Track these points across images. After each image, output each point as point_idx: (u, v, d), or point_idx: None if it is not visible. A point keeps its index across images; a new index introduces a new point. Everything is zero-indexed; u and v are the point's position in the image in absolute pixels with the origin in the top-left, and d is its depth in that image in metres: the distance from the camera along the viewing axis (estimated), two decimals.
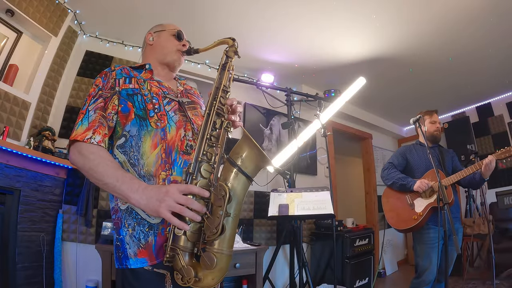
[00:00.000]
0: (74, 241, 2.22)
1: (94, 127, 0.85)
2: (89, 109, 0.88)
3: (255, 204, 3.08)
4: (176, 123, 0.93)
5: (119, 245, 0.84)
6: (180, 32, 1.12)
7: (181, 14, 2.44)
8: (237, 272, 2.21)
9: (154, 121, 0.90)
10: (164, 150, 0.88)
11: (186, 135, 0.93)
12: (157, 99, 0.94)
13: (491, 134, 4.07)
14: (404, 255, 4.83)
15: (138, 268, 0.81)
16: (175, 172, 0.87)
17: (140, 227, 0.83)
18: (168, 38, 1.10)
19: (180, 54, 1.10)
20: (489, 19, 2.44)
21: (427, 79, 3.50)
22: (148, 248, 0.81)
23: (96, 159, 0.81)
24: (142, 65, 1.05)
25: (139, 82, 0.95)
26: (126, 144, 0.89)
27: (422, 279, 2.02)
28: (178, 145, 0.90)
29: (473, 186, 2.16)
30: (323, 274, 3.03)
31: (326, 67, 3.23)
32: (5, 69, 2.05)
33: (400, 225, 2.15)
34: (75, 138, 0.83)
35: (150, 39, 1.12)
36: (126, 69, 0.98)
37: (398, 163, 2.31)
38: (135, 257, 0.81)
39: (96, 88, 0.93)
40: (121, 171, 0.81)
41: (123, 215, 0.85)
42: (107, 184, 0.79)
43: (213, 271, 0.74)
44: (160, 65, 1.09)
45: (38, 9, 2.14)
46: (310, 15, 2.44)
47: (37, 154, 1.94)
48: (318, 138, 3.74)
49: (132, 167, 0.87)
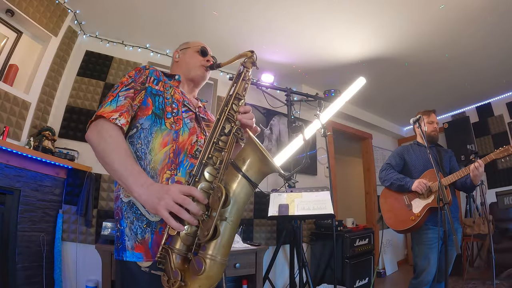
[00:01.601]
0: (74, 241, 2.22)
1: (122, 111, 0.86)
2: (120, 95, 0.90)
3: (255, 204, 3.08)
4: (190, 129, 0.96)
5: (119, 236, 0.85)
6: (204, 48, 1.17)
7: (181, 15, 2.44)
8: (237, 272, 2.21)
9: (170, 122, 0.93)
10: (173, 151, 0.90)
11: (197, 141, 0.95)
12: (177, 104, 0.98)
13: (491, 134, 4.07)
14: (404, 255, 4.83)
15: (135, 269, 0.81)
16: (180, 173, 0.88)
17: (138, 222, 0.84)
18: (193, 55, 1.16)
19: (204, 69, 1.14)
20: (489, 19, 2.44)
21: (427, 79, 3.50)
22: (144, 244, 0.82)
23: (112, 143, 0.81)
24: (173, 74, 1.10)
25: (165, 87, 0.99)
26: (135, 135, 0.91)
27: (421, 279, 2.02)
28: (188, 148, 0.92)
29: (466, 190, 2.16)
30: (323, 274, 3.03)
31: (326, 67, 3.23)
32: (5, 69, 2.05)
33: (398, 225, 2.15)
34: (101, 114, 0.84)
35: (176, 56, 1.19)
36: (158, 72, 1.02)
37: (396, 163, 2.31)
38: (132, 251, 0.82)
39: (130, 79, 0.95)
40: (131, 162, 0.80)
41: (124, 206, 0.87)
42: (115, 171, 0.79)
43: (201, 278, 0.69)
44: (186, 80, 1.14)
45: (38, 9, 2.14)
46: (311, 15, 2.44)
47: (37, 154, 1.94)
48: (318, 138, 3.74)
49: (138, 160, 0.87)
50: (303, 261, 2.44)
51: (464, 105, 4.35)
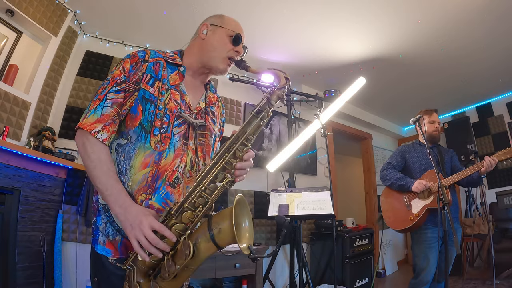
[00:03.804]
0: (74, 241, 2.22)
1: (105, 123, 0.84)
2: (107, 98, 0.85)
3: (255, 204, 3.08)
4: (175, 150, 0.89)
5: (94, 229, 0.89)
6: (239, 36, 0.97)
7: (181, 15, 2.44)
8: (237, 272, 2.21)
9: (155, 141, 0.86)
10: (152, 174, 0.86)
11: (179, 166, 0.89)
12: (168, 117, 0.88)
13: (491, 134, 4.07)
14: (404, 255, 4.83)
15: (104, 258, 0.85)
16: (154, 198, 0.86)
17: (111, 226, 0.87)
18: (223, 39, 0.96)
19: (228, 62, 0.97)
20: (488, 19, 2.44)
21: (427, 79, 3.50)
22: (114, 244, 0.86)
23: (94, 161, 0.82)
24: (178, 64, 0.96)
25: (161, 90, 0.89)
26: (123, 146, 0.89)
27: (420, 279, 2.02)
28: (168, 175, 0.87)
29: (472, 184, 2.17)
30: (323, 274, 3.03)
31: (326, 67, 3.23)
32: (5, 69, 2.05)
33: (397, 225, 2.16)
34: (83, 128, 0.83)
35: (203, 31, 0.98)
36: (159, 64, 0.91)
37: (397, 163, 2.31)
38: (103, 246, 0.86)
39: (122, 74, 0.87)
40: (112, 181, 0.82)
41: (100, 207, 0.89)
42: (98, 188, 0.83)
43: None
44: (200, 66, 0.98)
45: (38, 9, 2.14)
46: (311, 16, 2.45)
47: (37, 154, 1.94)
48: (318, 138, 3.74)
49: (119, 174, 0.86)
50: (303, 261, 2.44)
51: (464, 105, 4.35)
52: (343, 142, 4.89)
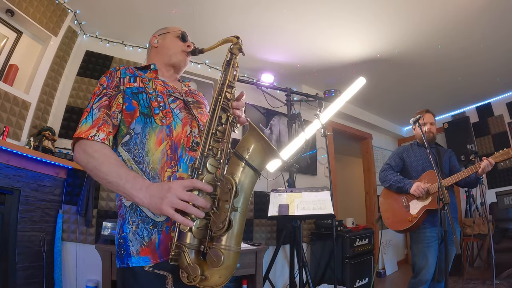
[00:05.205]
0: (74, 241, 2.22)
1: (98, 125, 0.84)
2: (94, 108, 0.87)
3: (255, 204, 3.08)
4: (181, 120, 0.93)
5: (122, 243, 0.82)
6: (184, 34, 1.13)
7: (181, 15, 2.44)
8: (237, 272, 2.20)
9: (160, 118, 0.90)
10: (170, 147, 0.88)
11: (192, 131, 0.93)
12: (162, 97, 0.94)
13: (491, 134, 4.07)
14: (404, 255, 4.83)
15: (138, 269, 0.79)
16: (181, 168, 0.86)
17: (144, 224, 0.82)
18: (173, 40, 1.11)
19: (185, 54, 1.10)
20: (488, 20, 2.44)
21: (427, 79, 3.50)
22: (151, 246, 0.80)
23: (100, 158, 0.80)
24: (147, 65, 1.05)
25: (144, 81, 0.95)
26: (131, 142, 0.89)
27: (419, 278, 2.02)
28: (184, 141, 0.90)
29: (470, 185, 2.18)
30: (323, 274, 3.03)
31: (326, 67, 3.23)
32: (5, 69, 2.05)
33: (395, 226, 2.16)
34: (79, 136, 0.83)
35: (155, 41, 1.13)
36: (131, 69, 0.98)
37: (395, 164, 2.31)
38: (138, 255, 0.80)
39: (101, 87, 0.92)
40: (124, 169, 0.79)
41: (128, 211, 0.85)
42: (111, 183, 0.78)
43: (220, 269, 0.72)
44: (166, 66, 1.09)
45: (38, 9, 2.14)
46: (311, 16, 2.45)
47: (37, 154, 1.94)
48: (318, 138, 3.74)
49: (137, 165, 0.86)
50: (303, 261, 2.44)
51: (464, 105, 4.35)
52: (343, 142, 4.89)
